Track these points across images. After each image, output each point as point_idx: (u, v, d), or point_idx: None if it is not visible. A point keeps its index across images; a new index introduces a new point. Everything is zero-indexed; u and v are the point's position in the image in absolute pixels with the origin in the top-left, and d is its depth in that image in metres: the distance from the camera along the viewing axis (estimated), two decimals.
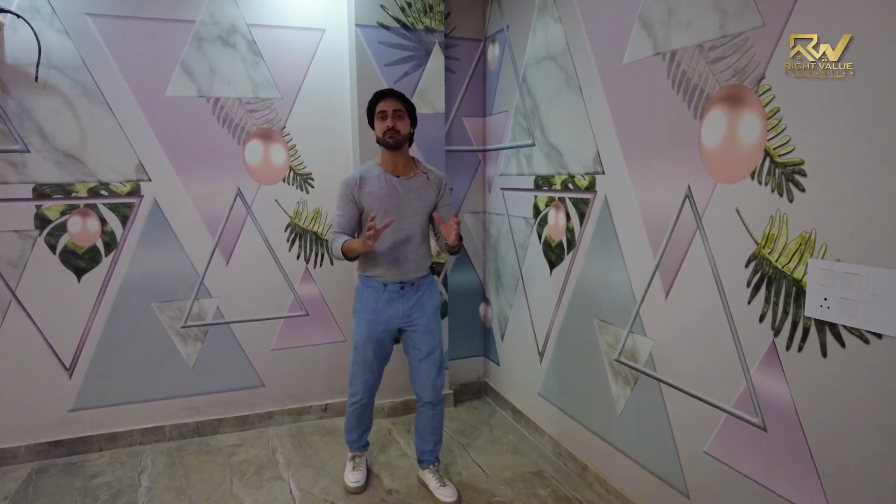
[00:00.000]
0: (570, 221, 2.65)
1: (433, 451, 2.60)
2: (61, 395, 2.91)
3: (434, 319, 2.50)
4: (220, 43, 2.91)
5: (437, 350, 2.49)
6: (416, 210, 2.42)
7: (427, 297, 2.49)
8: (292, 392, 3.28)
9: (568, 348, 2.75)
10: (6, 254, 2.75)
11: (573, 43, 2.55)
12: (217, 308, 3.09)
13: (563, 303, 2.74)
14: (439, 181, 2.50)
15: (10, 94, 2.67)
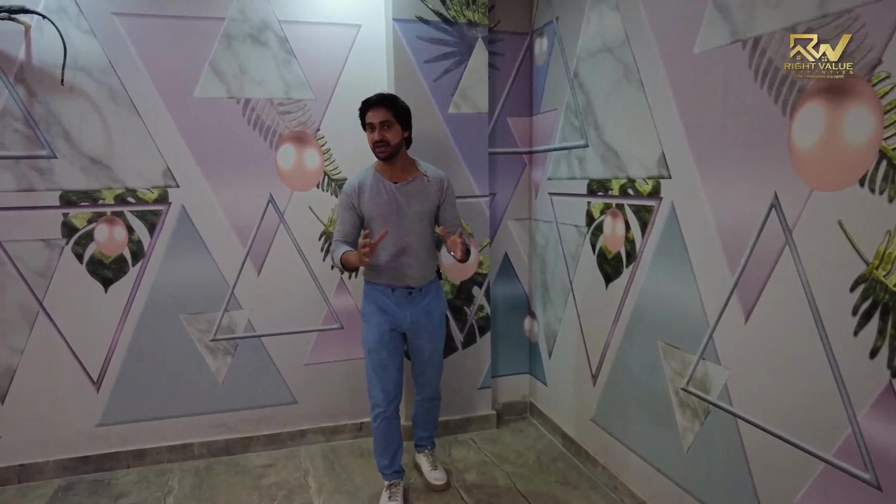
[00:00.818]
0: (629, 231, 2.38)
1: (429, 437, 2.76)
2: (88, 409, 2.80)
3: (440, 325, 2.51)
4: (250, 41, 2.76)
5: (438, 352, 2.56)
6: (417, 216, 2.36)
7: (435, 302, 2.47)
8: (326, 409, 3.11)
9: (626, 372, 2.47)
10: (34, 263, 2.66)
11: (633, 32, 2.28)
12: (248, 320, 2.94)
13: (621, 322, 2.47)
14: (440, 182, 2.42)
15: (37, 98, 2.57)
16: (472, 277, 3.10)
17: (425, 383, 2.61)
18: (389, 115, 2.27)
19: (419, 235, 2.38)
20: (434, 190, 2.40)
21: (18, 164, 2.59)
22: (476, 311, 3.13)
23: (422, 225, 2.38)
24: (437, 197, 2.41)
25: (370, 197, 2.34)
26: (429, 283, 2.44)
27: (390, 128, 2.28)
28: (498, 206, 3.20)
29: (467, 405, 3.18)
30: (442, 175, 2.44)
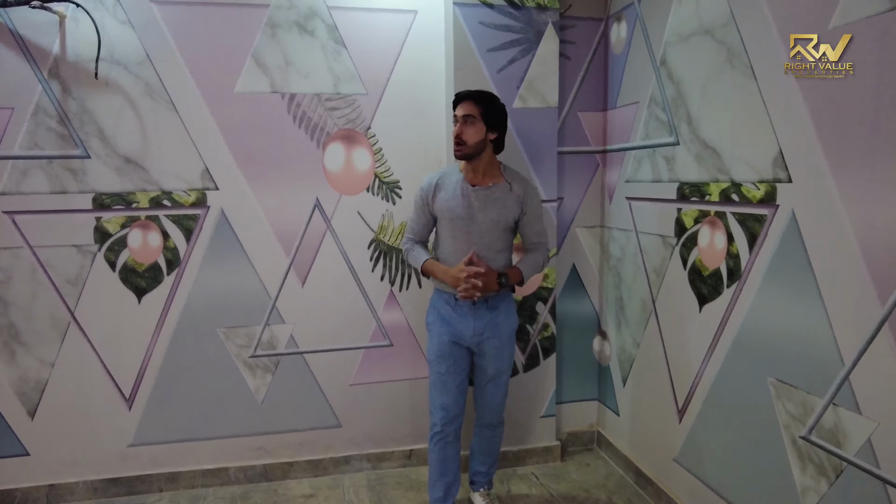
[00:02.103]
0: (732, 244, 2.00)
1: (487, 474, 2.45)
2: (120, 428, 2.61)
3: (508, 343, 2.26)
4: (296, 29, 2.51)
5: (504, 374, 2.29)
6: (491, 224, 2.14)
7: (504, 318, 2.23)
8: (372, 434, 2.82)
9: (723, 410, 2.09)
10: (65, 271, 2.48)
11: (741, 10, 1.91)
12: (290, 336, 2.69)
13: (719, 351, 2.09)
14: (523, 191, 2.18)
15: (72, 94, 2.39)
16: (536, 292, 2.76)
17: (485, 406, 2.33)
18: (475, 110, 2.09)
19: (491, 244, 2.17)
20: (515, 199, 2.17)
21: (51, 164, 2.42)
22: (540, 330, 2.79)
23: (495, 234, 2.16)
24: (515, 207, 2.17)
25: (445, 196, 2.18)
26: (497, 297, 2.20)
27: (472, 125, 2.09)
28: (566, 212, 2.86)
29: (528, 435, 2.85)
30: (529, 184, 2.21)
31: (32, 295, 2.47)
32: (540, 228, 2.24)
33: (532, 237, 2.24)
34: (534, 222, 2.22)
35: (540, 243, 2.25)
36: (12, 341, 2.49)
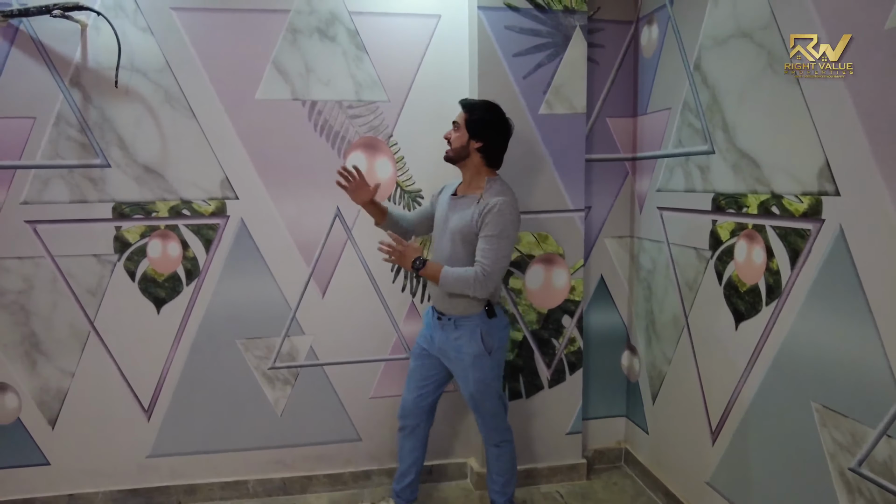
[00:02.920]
0: (772, 259, 1.89)
1: (502, 493, 2.32)
2: (139, 439, 2.58)
3: (473, 369, 2.13)
4: (317, 35, 2.46)
5: (477, 399, 2.18)
6: (451, 234, 2.10)
7: (467, 341, 2.11)
8: (393, 449, 2.75)
9: (761, 434, 1.98)
10: (85, 280, 2.46)
11: (783, 10, 1.80)
12: (310, 347, 2.64)
13: (757, 371, 1.98)
14: (486, 206, 2.01)
15: (92, 103, 2.37)
16: (562, 305, 2.67)
17: (478, 425, 2.32)
18: (462, 117, 2.10)
19: (453, 254, 2.10)
20: (475, 210, 2.04)
21: (72, 173, 2.40)
22: (566, 345, 2.69)
23: (455, 246, 2.09)
24: (473, 219, 2.03)
25: (440, 200, 2.26)
26: (463, 316, 2.11)
27: (457, 130, 2.11)
28: (594, 221, 2.76)
29: (553, 452, 2.75)
30: (495, 200, 2.00)
31: (53, 304, 2.46)
32: (486, 248, 1.99)
33: (477, 253, 2.02)
34: (483, 240, 2.00)
35: (480, 262, 1.99)
36: (33, 350, 2.48)
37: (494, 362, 2.16)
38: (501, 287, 2.34)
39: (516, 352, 2.66)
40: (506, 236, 2.00)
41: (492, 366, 2.15)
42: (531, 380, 2.69)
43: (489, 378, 2.16)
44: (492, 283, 2.00)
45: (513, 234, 2.03)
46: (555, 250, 2.63)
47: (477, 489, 2.70)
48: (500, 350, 2.19)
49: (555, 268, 2.65)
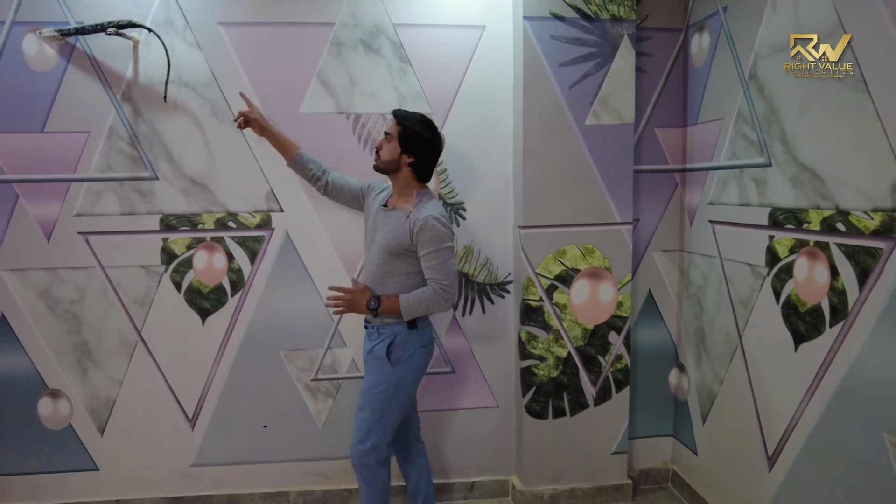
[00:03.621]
0: (837, 279, 1.80)
1: None
2: (183, 448, 2.61)
3: (369, 371, 2.13)
4: (362, 48, 2.46)
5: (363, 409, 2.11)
6: (378, 247, 2.10)
7: (379, 346, 2.08)
8: (433, 464, 2.69)
9: (825, 464, 1.88)
10: (133, 291, 2.51)
11: (852, 14, 1.71)
12: (352, 360, 2.63)
13: (819, 396, 1.87)
14: (415, 223, 2.01)
15: (142, 117, 2.43)
16: (609, 321, 2.59)
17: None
18: (396, 129, 2.07)
19: (375, 268, 2.11)
20: (406, 228, 2.03)
21: (122, 186, 2.46)
22: (613, 362, 2.62)
23: (381, 259, 2.09)
24: (405, 236, 2.03)
25: (368, 205, 2.24)
26: (386, 326, 2.09)
27: (389, 142, 2.08)
28: (642, 235, 2.69)
29: (598, 472, 2.67)
30: (425, 216, 2.00)
31: (103, 314, 2.52)
32: (433, 265, 2.02)
33: (425, 272, 2.05)
34: (426, 258, 2.02)
35: (433, 279, 2.02)
36: (84, 359, 2.54)
37: (396, 376, 2.08)
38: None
39: (560, 368, 2.59)
40: (445, 247, 2.02)
41: (389, 377, 2.07)
42: (576, 397, 2.62)
43: (380, 388, 2.08)
44: (452, 293, 2.04)
45: (449, 243, 2.04)
46: (601, 264, 2.56)
47: None
48: (406, 367, 2.09)
49: (601, 282, 2.58)
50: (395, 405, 2.10)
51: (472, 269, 2.64)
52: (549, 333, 2.58)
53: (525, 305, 2.56)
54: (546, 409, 2.62)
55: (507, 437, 2.74)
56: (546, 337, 2.58)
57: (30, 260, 2.47)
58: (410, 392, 2.16)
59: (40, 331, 2.51)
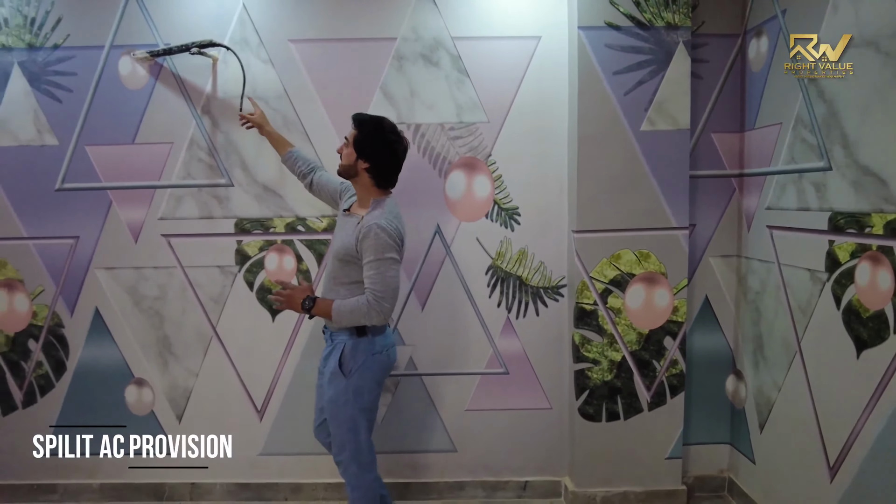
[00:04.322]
0: None
1: None
2: (252, 437, 2.79)
3: (328, 385, 2.07)
4: (422, 61, 2.58)
5: (332, 423, 2.09)
6: (332, 252, 2.10)
7: (332, 355, 2.06)
8: (487, 462, 2.80)
9: (891, 473, 1.83)
10: (209, 289, 2.71)
11: None
12: (410, 357, 2.74)
13: (884, 404, 1.84)
14: (361, 229, 1.97)
15: (220, 128, 2.63)
16: (664, 326, 2.60)
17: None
18: (352, 134, 2.05)
19: (329, 274, 2.12)
20: (353, 233, 2.00)
21: (201, 192, 2.66)
22: (668, 367, 2.62)
23: (333, 265, 2.08)
24: (351, 243, 1.99)
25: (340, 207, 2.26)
26: (337, 333, 2.07)
27: (346, 146, 2.07)
28: (698, 240, 2.68)
29: (651, 477, 2.67)
30: (371, 223, 1.95)
31: (182, 311, 2.73)
32: (371, 274, 1.94)
33: (365, 281, 1.97)
34: (366, 267, 1.95)
35: (369, 289, 1.95)
36: (165, 352, 2.75)
37: (352, 386, 2.03)
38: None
39: (614, 372, 2.62)
40: (387, 258, 1.94)
41: (345, 390, 2.03)
42: (630, 401, 2.64)
43: (341, 401, 2.04)
44: (387, 307, 1.95)
45: (393, 253, 1.96)
46: (657, 269, 2.58)
47: None
48: (360, 375, 2.04)
49: (657, 287, 2.59)
50: (361, 413, 2.07)
51: (526, 273, 2.70)
52: (604, 337, 2.61)
53: (579, 309, 2.61)
54: (599, 412, 2.65)
55: (560, 439, 2.78)
56: (600, 341, 2.61)
57: (120, 259, 2.71)
58: (373, 398, 2.12)
59: (128, 324, 2.75)
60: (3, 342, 2.79)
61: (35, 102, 2.65)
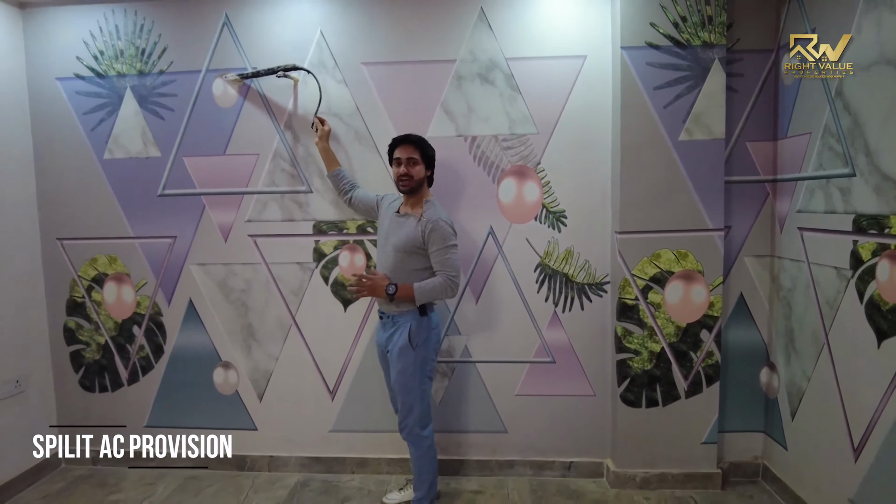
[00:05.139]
0: None
1: (416, 489, 2.62)
2: (324, 415, 3.13)
3: (399, 359, 2.48)
4: (478, 80, 2.88)
5: (401, 390, 2.50)
6: (393, 247, 2.46)
7: (399, 334, 2.48)
8: (534, 443, 3.06)
9: None
10: (290, 283, 3.07)
11: None
12: (465, 346, 3.03)
13: None
14: (426, 225, 2.41)
15: (300, 142, 2.98)
16: (701, 320, 2.82)
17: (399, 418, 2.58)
18: (416, 153, 2.48)
19: (392, 266, 2.47)
20: (418, 230, 2.42)
21: (283, 198, 3.02)
22: (704, 358, 2.84)
23: (397, 257, 2.45)
24: (416, 236, 2.42)
25: (382, 214, 2.63)
26: (401, 314, 2.48)
27: (415, 165, 2.47)
28: (734, 241, 2.89)
29: (688, 459, 2.89)
30: (434, 218, 2.41)
31: (265, 302, 3.10)
32: (442, 259, 2.41)
33: (435, 266, 2.44)
34: (435, 254, 2.42)
35: (441, 272, 2.42)
36: (249, 338, 3.13)
37: (418, 359, 2.48)
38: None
39: (654, 362, 2.85)
40: (451, 245, 2.43)
41: (414, 360, 2.47)
42: (668, 389, 2.87)
43: (409, 371, 2.48)
44: (457, 283, 2.44)
45: (455, 241, 2.45)
46: (694, 267, 2.80)
47: (613, 487, 2.91)
48: (425, 347, 2.49)
49: (694, 284, 2.81)
50: (425, 380, 2.53)
51: (572, 271, 2.96)
52: (644, 330, 2.85)
53: (621, 304, 2.85)
54: (640, 398, 2.88)
55: (602, 423, 3.02)
56: (641, 333, 2.85)
57: (212, 256, 3.10)
58: (433, 367, 2.58)
59: (217, 313, 3.13)
60: (112, 327, 3.21)
61: (143, 120, 3.06)
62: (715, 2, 2.67)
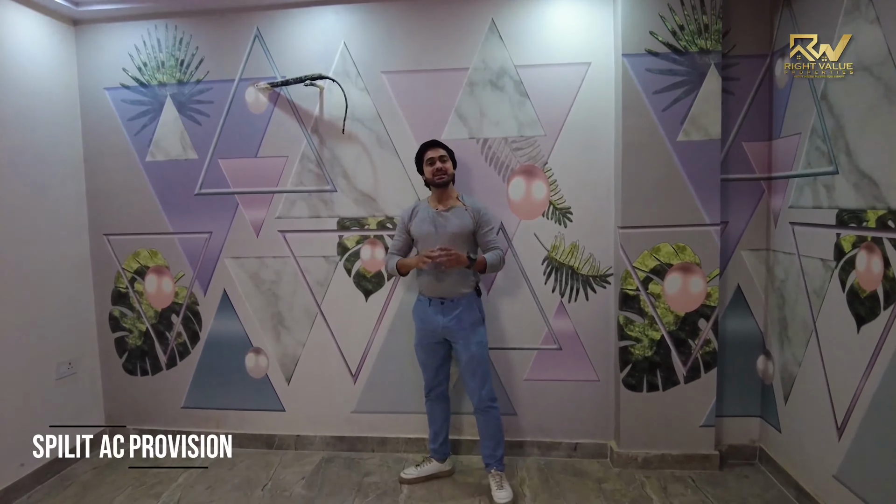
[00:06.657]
0: (889, 269, 2.14)
1: (492, 455, 2.87)
2: (347, 397, 3.38)
3: (472, 332, 2.79)
4: (490, 87, 3.10)
5: (476, 361, 2.79)
6: (451, 236, 2.75)
7: (465, 312, 2.79)
8: (542, 425, 3.27)
9: (884, 429, 2.19)
10: (316, 275, 3.32)
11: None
12: None
13: (877, 370, 2.21)
14: (476, 211, 2.81)
15: (326, 145, 3.23)
16: (699, 310, 3.01)
17: (470, 393, 2.86)
18: (446, 152, 2.82)
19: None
20: (470, 216, 2.78)
21: (310, 196, 3.28)
22: (702, 346, 3.02)
23: (455, 245, 2.74)
24: (471, 222, 2.78)
25: (418, 220, 2.84)
26: (461, 296, 2.79)
27: (446, 162, 2.79)
28: (730, 235, 3.07)
29: (686, 441, 3.08)
30: (479, 206, 2.83)
31: (293, 292, 3.35)
32: (494, 238, 2.83)
33: (489, 244, 2.81)
34: (488, 233, 2.82)
35: (496, 247, 2.81)
36: (279, 325, 3.39)
37: (486, 331, 2.87)
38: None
39: (654, 349, 3.04)
40: (498, 226, 2.98)
41: (484, 333, 2.85)
42: (668, 375, 3.05)
43: (485, 341, 2.84)
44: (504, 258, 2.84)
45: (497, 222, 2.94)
46: (692, 260, 2.98)
47: (615, 466, 3.11)
48: (484, 321, 2.87)
49: (692, 275, 3.00)
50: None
51: (577, 263, 3.17)
52: (645, 319, 3.04)
53: (623, 294, 3.05)
54: (641, 383, 3.07)
55: (606, 407, 3.22)
56: (641, 321, 3.05)
57: (245, 250, 3.37)
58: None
59: (249, 303, 3.40)
60: (152, 316, 3.50)
61: (181, 126, 3.34)
62: (711, 10, 2.86)
